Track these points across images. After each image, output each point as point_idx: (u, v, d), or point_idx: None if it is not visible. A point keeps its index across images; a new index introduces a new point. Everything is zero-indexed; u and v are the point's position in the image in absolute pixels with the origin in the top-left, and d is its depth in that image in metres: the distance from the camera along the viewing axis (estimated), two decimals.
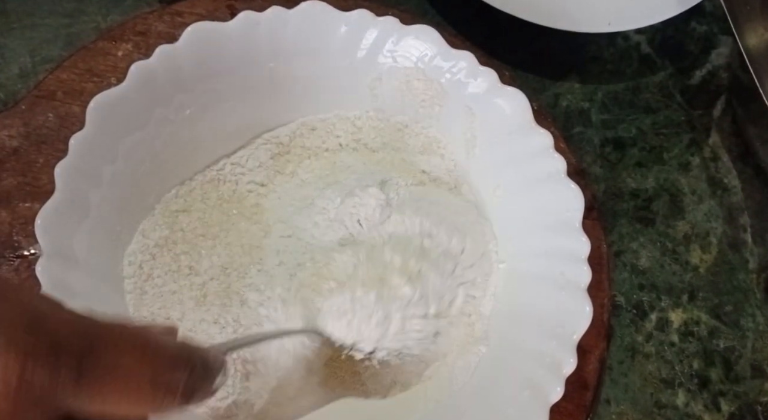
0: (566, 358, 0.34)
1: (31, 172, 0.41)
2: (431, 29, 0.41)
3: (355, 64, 0.42)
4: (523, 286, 0.38)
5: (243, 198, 0.41)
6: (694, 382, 0.42)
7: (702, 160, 0.48)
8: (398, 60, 0.41)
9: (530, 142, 0.39)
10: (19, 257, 0.39)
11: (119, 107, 0.37)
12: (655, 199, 0.46)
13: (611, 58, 0.50)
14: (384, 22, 0.41)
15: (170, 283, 0.38)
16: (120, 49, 0.45)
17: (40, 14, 0.47)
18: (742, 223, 0.46)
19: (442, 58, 0.41)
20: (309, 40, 0.41)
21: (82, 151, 0.36)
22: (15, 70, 0.45)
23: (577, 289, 0.36)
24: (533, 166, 0.39)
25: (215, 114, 0.41)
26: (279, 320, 0.37)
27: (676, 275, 0.44)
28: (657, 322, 0.43)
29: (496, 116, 0.40)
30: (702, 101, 0.50)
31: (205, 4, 0.47)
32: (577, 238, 0.37)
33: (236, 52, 0.40)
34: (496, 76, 0.40)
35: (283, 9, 0.40)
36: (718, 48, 0.51)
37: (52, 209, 0.34)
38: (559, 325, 0.35)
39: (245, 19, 0.40)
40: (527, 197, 0.39)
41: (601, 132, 0.48)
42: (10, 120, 0.42)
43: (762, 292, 0.44)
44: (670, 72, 0.50)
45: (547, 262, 0.37)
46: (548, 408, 0.33)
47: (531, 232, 0.39)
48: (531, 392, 0.34)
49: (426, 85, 0.42)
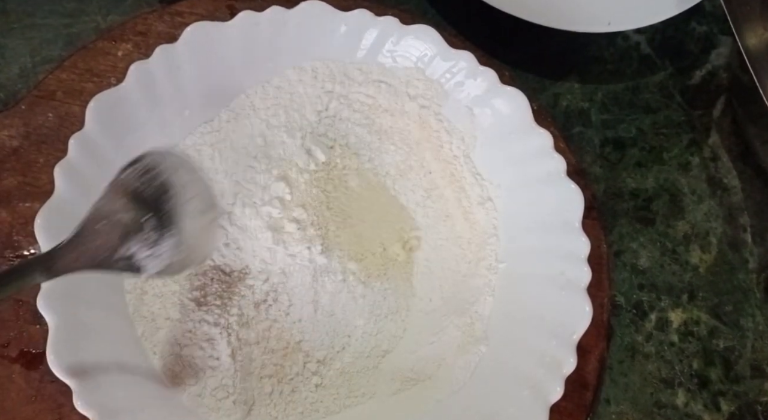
0: (566, 358, 0.34)
1: (31, 171, 0.41)
2: (431, 29, 0.41)
3: (354, 63, 0.42)
4: (523, 286, 0.38)
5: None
6: (694, 381, 0.42)
7: (702, 160, 0.48)
8: (398, 60, 0.42)
9: (530, 142, 0.39)
10: (19, 257, 0.39)
11: (119, 107, 0.37)
12: (655, 199, 0.46)
13: (611, 58, 0.50)
14: (384, 21, 0.41)
15: (170, 284, 0.38)
16: (120, 49, 0.45)
17: (41, 14, 0.47)
18: (742, 223, 0.46)
19: (442, 58, 0.41)
20: (309, 40, 0.41)
21: (82, 150, 0.36)
22: (15, 70, 0.45)
23: (577, 289, 0.36)
24: (533, 165, 0.39)
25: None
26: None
27: (676, 275, 0.44)
28: (657, 321, 0.43)
29: (496, 116, 0.40)
30: (702, 101, 0.50)
31: (205, 4, 0.47)
32: (577, 238, 0.37)
33: (236, 52, 0.40)
34: (495, 76, 0.40)
35: (283, 9, 0.40)
36: (717, 48, 0.51)
37: (51, 209, 0.34)
38: (559, 325, 0.35)
39: (245, 19, 0.40)
40: (527, 197, 0.39)
41: (601, 132, 0.48)
42: (10, 120, 0.42)
43: (762, 292, 0.44)
44: (670, 72, 0.50)
45: (547, 262, 0.37)
46: (548, 407, 0.33)
47: (531, 232, 0.39)
48: (531, 392, 0.34)
49: (426, 85, 0.42)
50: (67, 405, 0.36)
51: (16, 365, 0.37)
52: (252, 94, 0.41)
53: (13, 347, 0.37)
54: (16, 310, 0.38)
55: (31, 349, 0.37)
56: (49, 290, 0.32)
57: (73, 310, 0.33)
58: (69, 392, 0.31)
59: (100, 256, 0.30)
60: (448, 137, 0.42)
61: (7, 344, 0.37)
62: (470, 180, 0.41)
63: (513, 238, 0.40)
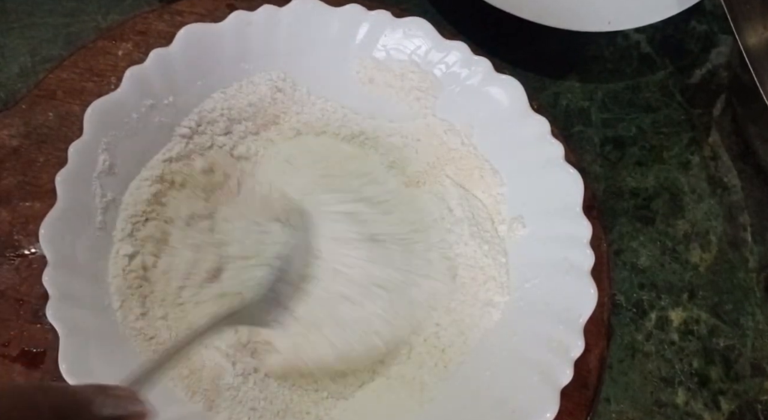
0: (574, 341, 0.34)
1: (32, 171, 0.41)
2: (423, 21, 0.41)
3: (348, 58, 0.42)
4: (528, 273, 0.38)
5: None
6: (694, 380, 0.42)
7: (702, 158, 0.48)
8: (392, 53, 0.42)
9: (527, 129, 0.39)
10: (19, 256, 0.39)
11: (116, 112, 0.37)
12: (655, 198, 0.46)
13: (611, 57, 0.50)
14: (376, 15, 0.41)
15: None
16: (120, 48, 0.45)
17: (40, 13, 0.47)
18: (742, 222, 0.46)
19: (436, 49, 0.41)
20: (302, 37, 0.41)
21: (82, 158, 0.36)
22: (15, 70, 0.45)
23: (581, 272, 0.36)
24: (531, 152, 0.39)
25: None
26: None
27: (676, 274, 0.44)
28: (657, 320, 0.43)
29: (492, 104, 0.40)
30: (702, 100, 0.50)
31: (204, 4, 0.46)
32: (579, 222, 0.37)
33: (230, 52, 0.40)
34: (490, 65, 0.40)
35: (275, 7, 0.40)
36: (718, 47, 0.51)
37: (55, 218, 0.34)
38: (565, 309, 0.35)
39: (237, 19, 0.40)
40: (527, 183, 0.39)
41: (601, 131, 0.48)
42: (10, 119, 0.42)
43: (762, 290, 0.44)
44: (670, 71, 0.50)
45: (551, 247, 0.38)
46: (559, 391, 0.34)
47: (533, 219, 0.39)
48: (541, 376, 0.34)
49: (420, 77, 0.42)
50: None
51: (16, 364, 0.37)
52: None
53: (14, 346, 0.37)
54: (16, 310, 0.38)
55: (31, 348, 0.37)
56: (58, 300, 0.32)
57: (82, 318, 0.33)
58: None
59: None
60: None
61: (7, 343, 0.37)
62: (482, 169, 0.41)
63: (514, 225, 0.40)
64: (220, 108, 0.41)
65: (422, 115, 0.42)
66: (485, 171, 0.41)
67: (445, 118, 0.42)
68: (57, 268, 0.33)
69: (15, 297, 0.38)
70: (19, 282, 0.38)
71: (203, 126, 0.40)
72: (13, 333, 0.37)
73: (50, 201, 0.34)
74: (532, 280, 0.38)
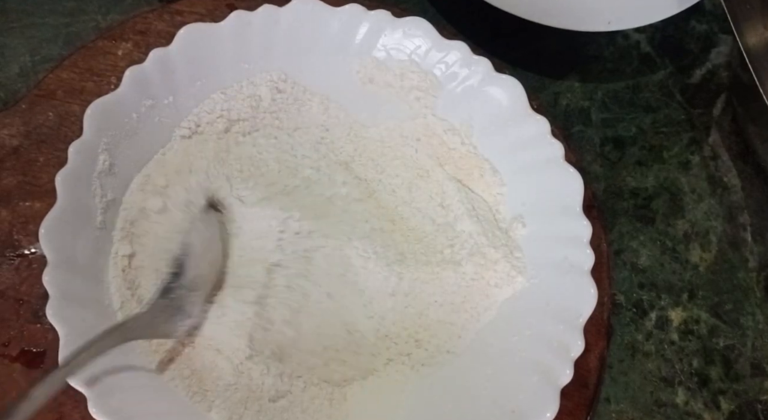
0: (574, 341, 0.34)
1: (32, 171, 0.41)
2: (423, 21, 0.41)
3: (348, 58, 0.42)
4: (528, 272, 0.38)
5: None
6: (694, 380, 0.42)
7: (702, 158, 0.48)
8: (392, 53, 0.42)
9: (527, 129, 0.39)
10: (19, 256, 0.39)
11: (116, 112, 0.37)
12: (655, 197, 0.46)
13: (611, 57, 0.50)
14: (376, 15, 0.41)
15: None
16: (120, 48, 0.45)
17: (40, 13, 0.47)
18: (742, 222, 0.46)
19: (436, 49, 0.41)
20: (302, 37, 0.41)
21: (82, 158, 0.36)
22: (15, 69, 0.45)
23: (581, 272, 0.36)
24: (531, 151, 0.39)
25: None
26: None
27: (676, 274, 0.44)
28: (657, 320, 0.43)
29: (492, 104, 0.40)
30: (702, 100, 0.50)
31: (205, 3, 0.47)
32: (579, 222, 0.37)
33: (229, 52, 0.40)
34: (490, 65, 0.40)
35: (275, 7, 0.40)
36: (717, 47, 0.51)
37: (55, 218, 0.34)
38: (565, 309, 0.36)
39: (237, 19, 0.40)
40: (527, 183, 0.39)
41: (601, 131, 0.48)
42: (10, 119, 0.42)
43: (762, 290, 0.44)
44: (670, 71, 0.50)
45: (551, 247, 0.38)
46: (559, 390, 0.34)
47: (533, 218, 0.39)
48: (541, 376, 0.34)
49: (420, 77, 0.42)
50: (68, 404, 0.36)
51: (16, 364, 0.37)
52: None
53: (14, 346, 0.37)
54: (16, 309, 0.38)
55: (31, 347, 0.37)
56: (58, 300, 0.32)
57: (82, 318, 0.33)
58: (69, 392, 0.31)
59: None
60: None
61: (7, 343, 0.37)
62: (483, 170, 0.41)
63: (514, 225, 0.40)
64: (220, 108, 0.41)
65: (422, 115, 0.42)
66: (485, 170, 0.41)
67: (445, 118, 0.42)
68: (57, 268, 0.33)
69: (15, 297, 0.38)
70: (19, 282, 0.38)
71: (203, 126, 0.41)
72: (13, 333, 0.37)
73: (50, 201, 0.34)
74: (532, 280, 0.38)
